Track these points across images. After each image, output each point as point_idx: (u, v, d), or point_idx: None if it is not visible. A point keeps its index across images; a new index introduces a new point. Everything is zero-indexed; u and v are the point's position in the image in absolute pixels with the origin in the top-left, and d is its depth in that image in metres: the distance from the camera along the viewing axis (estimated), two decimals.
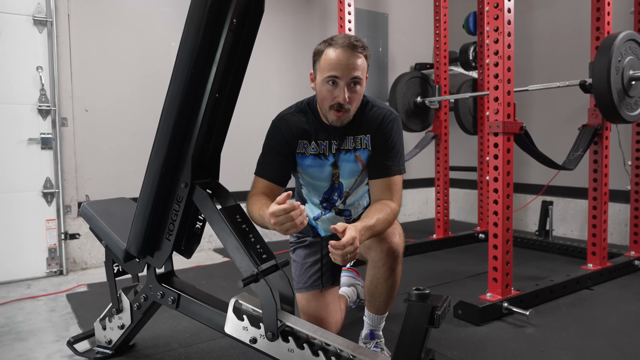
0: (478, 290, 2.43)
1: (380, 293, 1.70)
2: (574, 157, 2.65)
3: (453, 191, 4.82)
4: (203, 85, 1.50)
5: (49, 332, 2.16)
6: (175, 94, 1.47)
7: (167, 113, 1.49)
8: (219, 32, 1.46)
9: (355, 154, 1.74)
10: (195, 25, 1.41)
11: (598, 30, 2.73)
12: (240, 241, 1.49)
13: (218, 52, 1.48)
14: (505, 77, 2.21)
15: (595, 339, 1.99)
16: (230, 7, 1.44)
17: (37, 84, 3.02)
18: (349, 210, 1.88)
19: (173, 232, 1.61)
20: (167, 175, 1.56)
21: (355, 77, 1.58)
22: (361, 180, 1.81)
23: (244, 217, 1.59)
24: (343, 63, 1.56)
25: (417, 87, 3.78)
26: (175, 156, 1.55)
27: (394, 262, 1.65)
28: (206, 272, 3.12)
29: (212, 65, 1.48)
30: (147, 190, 1.57)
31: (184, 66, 1.44)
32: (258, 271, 1.45)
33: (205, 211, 1.56)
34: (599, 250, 2.77)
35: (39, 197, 3.05)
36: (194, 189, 1.56)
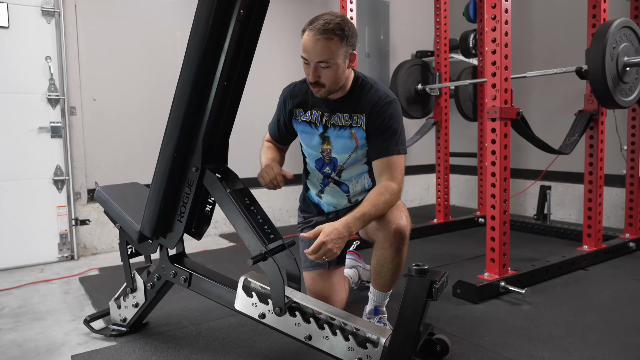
0: (476, 271, 2.51)
1: (385, 272, 1.78)
2: (570, 141, 2.73)
3: (453, 177, 4.90)
4: (212, 74, 1.58)
5: (64, 312, 2.26)
6: (186, 82, 1.55)
7: (178, 100, 1.57)
8: (227, 23, 1.53)
9: (351, 130, 1.83)
10: (205, 16, 1.48)
11: (594, 17, 2.78)
12: (249, 222, 1.58)
13: (226, 42, 1.55)
14: (503, 64, 2.27)
15: (587, 314, 2.08)
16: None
17: (46, 73, 3.09)
18: (346, 185, 1.96)
19: (184, 214, 1.69)
20: (179, 159, 1.64)
21: (320, 61, 1.68)
22: (356, 158, 1.88)
23: (252, 200, 1.67)
24: (310, 47, 1.68)
25: (418, 74, 3.84)
26: (186, 141, 1.63)
27: (400, 243, 1.72)
28: (213, 256, 3.21)
29: (221, 55, 1.56)
30: (160, 174, 1.65)
31: (194, 55, 1.52)
32: (266, 250, 1.54)
33: (215, 194, 1.65)
34: (594, 233, 2.85)
35: (50, 184, 3.14)
36: (204, 173, 1.65)
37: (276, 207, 4.12)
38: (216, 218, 3.72)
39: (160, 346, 1.83)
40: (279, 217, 4.12)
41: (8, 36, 2.96)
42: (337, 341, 1.49)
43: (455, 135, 4.36)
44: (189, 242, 1.83)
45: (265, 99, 2.14)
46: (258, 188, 1.90)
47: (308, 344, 1.53)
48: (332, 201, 2.02)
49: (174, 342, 1.87)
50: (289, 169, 1.89)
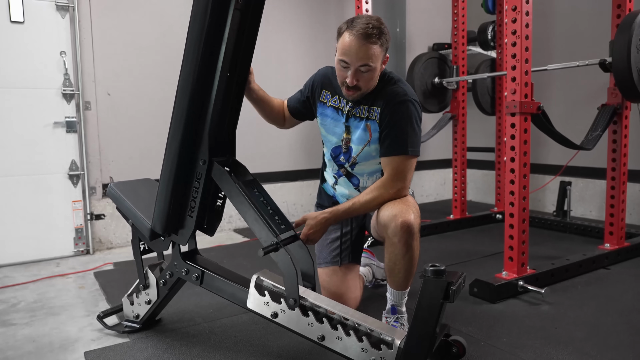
0: (494, 270, 2.46)
1: (398, 270, 1.74)
2: (593, 137, 2.64)
3: (470, 172, 4.82)
4: (214, 64, 1.55)
5: (79, 307, 2.27)
6: (187, 74, 1.53)
7: (181, 93, 1.55)
8: (225, 12, 1.51)
9: (367, 123, 1.83)
10: (202, 5, 1.47)
11: (619, 7, 2.68)
12: (259, 213, 1.56)
13: (226, 32, 1.53)
14: (523, 57, 2.21)
15: (609, 316, 2.02)
16: None
17: (61, 68, 3.09)
18: (357, 178, 1.96)
19: (195, 209, 1.67)
20: (186, 153, 1.62)
21: (364, 65, 1.69)
22: (369, 152, 1.88)
23: (262, 190, 1.66)
24: (353, 51, 1.67)
25: (435, 67, 3.76)
26: (192, 135, 1.61)
27: (409, 237, 1.68)
28: (227, 251, 3.20)
29: (222, 44, 1.54)
30: (167, 169, 1.63)
31: (194, 46, 1.50)
32: (277, 240, 1.51)
33: (224, 186, 1.63)
34: (617, 230, 2.77)
35: (65, 179, 3.16)
36: (212, 166, 1.63)
37: (290, 202, 4.09)
38: (230, 213, 3.72)
39: (173, 343, 1.82)
40: (293, 211, 4.09)
41: (23, 31, 2.96)
42: (350, 342, 1.46)
43: (472, 130, 4.28)
44: (202, 237, 1.82)
45: (279, 94, 2.10)
46: (272, 183, 1.88)
47: (321, 344, 1.50)
48: (345, 193, 2.00)
49: (187, 340, 1.86)
50: (301, 163, 1.88)
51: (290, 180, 4.06)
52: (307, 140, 4.04)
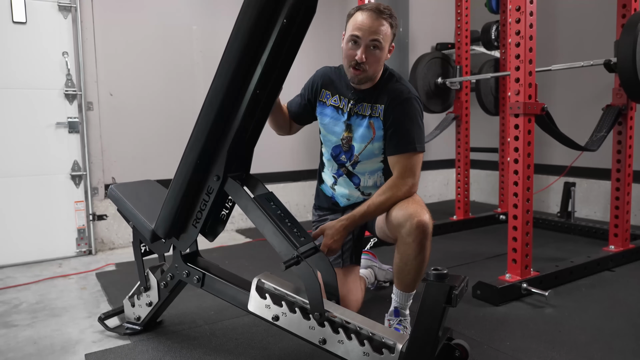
0: (497, 271, 2.44)
1: (408, 270, 1.72)
2: (597, 138, 2.62)
3: (474, 172, 4.80)
4: (246, 84, 1.51)
5: (80, 308, 2.26)
6: (217, 91, 1.49)
7: (207, 108, 1.51)
8: (268, 34, 1.45)
9: (370, 120, 1.84)
10: (246, 26, 1.42)
11: (624, 7, 2.66)
12: (277, 226, 1.52)
13: (265, 54, 1.47)
14: (527, 58, 2.19)
15: (614, 319, 2.00)
16: (284, 9, 1.44)
17: (63, 69, 3.09)
18: (358, 177, 1.95)
19: (200, 220, 1.66)
20: (201, 166, 1.59)
21: (374, 40, 1.71)
22: (371, 150, 1.88)
23: (278, 203, 1.62)
24: (366, 25, 1.70)
25: (438, 67, 3.75)
26: (211, 149, 1.57)
27: (424, 237, 1.66)
28: (229, 252, 3.19)
29: (258, 66, 1.49)
30: (180, 178, 1.60)
31: (229, 65, 1.45)
32: (298, 254, 1.48)
33: (240, 201, 1.59)
34: (621, 232, 2.75)
35: (68, 180, 3.15)
36: (225, 181, 1.59)
37: (293, 202, 4.08)
38: (232, 213, 3.70)
39: (174, 346, 1.81)
40: (296, 212, 4.08)
41: (25, 32, 2.96)
42: (352, 346, 1.44)
43: (476, 130, 4.25)
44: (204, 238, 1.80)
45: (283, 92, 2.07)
46: (275, 183, 1.87)
47: (322, 347, 1.49)
48: (345, 192, 1.99)
49: (188, 342, 1.85)
50: (304, 163, 1.86)
51: (293, 181, 4.05)
52: (309, 140, 4.03)
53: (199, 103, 3.97)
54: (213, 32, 3.68)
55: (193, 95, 3.62)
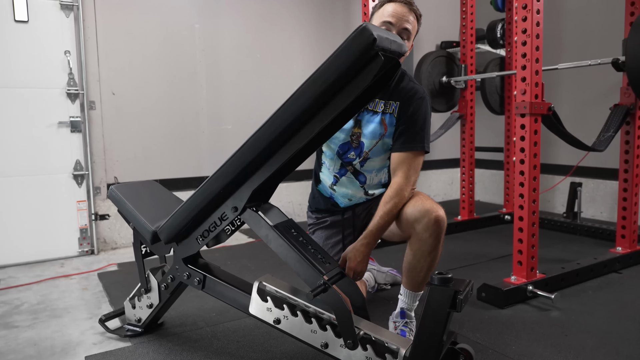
0: (502, 273, 2.41)
1: (421, 268, 1.70)
2: (605, 138, 2.58)
3: (479, 172, 4.76)
4: (296, 134, 1.44)
5: (82, 309, 2.25)
6: (263, 138, 1.42)
7: (248, 149, 1.45)
8: (344, 101, 1.36)
9: (382, 117, 1.83)
10: (323, 87, 1.32)
11: (633, 5, 2.62)
12: (301, 254, 1.47)
13: (332, 115, 1.39)
14: (534, 57, 2.15)
15: (621, 323, 1.96)
16: (369, 76, 1.32)
17: (66, 68, 3.08)
18: (365, 175, 1.92)
19: (206, 239, 1.64)
20: (222, 195, 1.56)
21: (406, 28, 1.75)
22: (381, 146, 1.86)
23: (300, 230, 1.59)
24: (399, 13, 1.75)
25: (443, 66, 3.71)
26: (237, 185, 1.54)
27: (440, 232, 1.65)
28: (231, 252, 3.17)
29: (318, 122, 1.40)
30: (198, 200, 1.57)
31: (287, 117, 1.38)
32: (325, 280, 1.43)
33: (260, 231, 1.54)
34: (629, 233, 2.71)
35: (70, 179, 3.14)
36: (244, 211, 1.56)
37: (296, 202, 4.06)
38: None
39: (175, 348, 1.79)
40: (299, 212, 4.06)
41: (27, 31, 2.95)
42: (354, 350, 1.42)
43: (481, 129, 4.22)
44: None
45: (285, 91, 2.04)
46: None
47: (324, 352, 1.47)
48: (347, 192, 1.95)
49: (189, 345, 1.83)
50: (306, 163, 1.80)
51: (296, 180, 4.02)
52: None
53: (201, 102, 3.97)
54: (215, 31, 3.66)
55: (195, 95, 3.60)
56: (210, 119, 3.68)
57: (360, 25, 1.25)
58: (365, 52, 1.25)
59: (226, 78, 3.73)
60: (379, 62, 1.28)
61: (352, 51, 1.25)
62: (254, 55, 3.82)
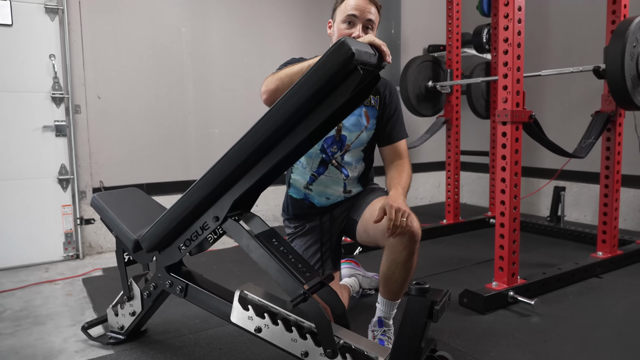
0: (485, 277, 2.44)
1: (396, 279, 1.71)
2: (586, 144, 2.62)
3: (465, 174, 4.80)
4: (281, 149, 1.44)
5: (65, 316, 2.24)
6: (247, 146, 1.42)
7: (231, 158, 1.45)
8: (324, 110, 1.36)
9: (364, 109, 1.88)
10: (303, 97, 1.32)
11: (614, 13, 2.66)
12: (281, 264, 1.48)
13: (315, 124, 1.38)
14: (515, 65, 2.18)
15: (600, 329, 1.99)
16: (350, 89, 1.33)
17: (50, 72, 3.06)
18: (346, 169, 1.93)
19: (188, 248, 1.64)
20: (203, 205, 1.56)
21: (369, 20, 1.78)
22: (362, 139, 1.90)
23: (281, 240, 1.59)
24: (361, 6, 1.77)
25: (429, 71, 3.74)
26: (218, 195, 1.54)
27: (414, 245, 1.66)
28: (217, 256, 3.17)
29: (302, 133, 1.41)
30: (179, 210, 1.58)
31: (265, 132, 1.39)
32: (305, 290, 1.43)
33: (241, 241, 1.54)
34: (609, 238, 2.75)
35: (55, 184, 3.13)
36: (225, 221, 1.56)
37: None
38: None
39: (157, 356, 1.80)
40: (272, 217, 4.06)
41: (11, 34, 2.93)
42: (334, 359, 1.43)
43: (466, 133, 4.25)
44: None
45: None
46: (273, 185, 1.89)
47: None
48: (324, 191, 1.95)
49: (171, 352, 1.83)
50: None
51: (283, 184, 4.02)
52: None
53: (188, 105, 3.95)
54: (202, 34, 3.65)
55: (182, 98, 3.60)
56: (197, 122, 3.68)
57: (339, 40, 1.26)
58: (344, 66, 1.26)
59: (213, 81, 3.73)
60: (357, 75, 1.29)
61: (330, 65, 1.26)
62: (242, 59, 3.82)
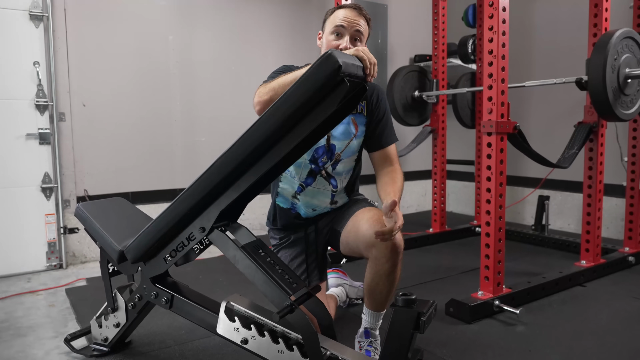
0: (471, 286, 2.45)
1: (380, 290, 1.71)
2: (569, 155, 2.66)
3: (451, 183, 4.83)
4: (268, 160, 1.44)
5: (47, 327, 2.20)
6: (232, 158, 1.42)
7: (216, 169, 1.45)
8: (311, 123, 1.37)
9: (351, 117, 1.86)
10: (289, 110, 1.33)
11: (595, 26, 2.71)
12: (268, 275, 1.47)
13: (301, 137, 1.39)
14: (499, 77, 2.21)
15: (584, 338, 2.02)
16: (336, 101, 1.33)
17: (34, 79, 3.03)
18: (335, 179, 1.92)
19: (174, 259, 1.63)
20: (189, 216, 1.55)
21: (358, 31, 1.79)
22: (352, 147, 1.89)
23: (268, 251, 1.58)
24: (349, 18, 1.79)
25: (415, 81, 3.77)
26: (204, 206, 1.53)
27: (397, 257, 1.66)
28: (204, 265, 3.14)
29: (286, 145, 1.41)
30: (165, 220, 1.57)
31: (252, 143, 1.39)
32: (292, 301, 1.42)
33: (228, 252, 1.53)
34: (593, 247, 2.79)
35: (38, 192, 3.08)
36: (211, 232, 1.55)
37: None
38: None
39: None
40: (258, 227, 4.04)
41: None
42: None
43: (452, 142, 4.29)
44: None
45: None
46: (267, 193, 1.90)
47: None
48: (311, 202, 1.94)
49: None
50: None
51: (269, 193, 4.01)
52: None
53: (174, 114, 3.93)
54: (190, 43, 3.65)
55: (169, 106, 3.58)
56: (184, 130, 3.66)
57: (326, 52, 1.27)
58: (331, 79, 1.27)
59: (200, 90, 3.72)
60: (344, 88, 1.30)
61: (317, 77, 1.27)
62: (229, 68, 3.82)
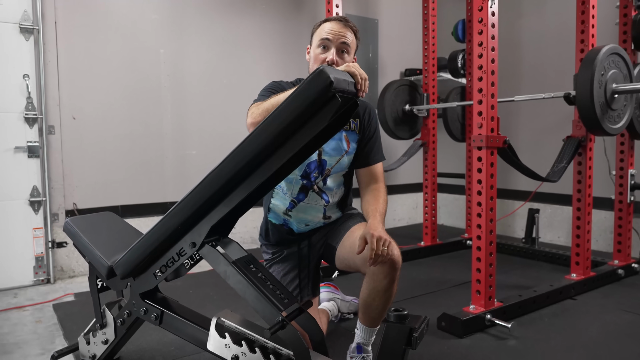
0: (463, 300, 2.45)
1: (376, 306, 1.69)
2: (558, 168, 2.68)
3: (442, 196, 4.85)
4: (259, 176, 1.44)
5: (34, 344, 2.16)
6: (223, 174, 1.42)
7: (207, 185, 1.44)
8: (301, 141, 1.38)
9: (344, 134, 1.87)
10: (281, 127, 1.33)
11: (582, 42, 2.75)
12: (259, 290, 1.46)
13: (292, 152, 1.39)
14: (489, 92, 2.23)
15: (575, 351, 2.02)
16: (328, 117, 1.33)
17: (24, 92, 3.01)
18: (327, 195, 1.91)
19: (164, 275, 1.62)
20: (180, 231, 1.54)
21: (344, 43, 1.80)
22: (343, 163, 1.89)
23: (259, 266, 1.57)
24: (335, 30, 1.80)
25: (406, 94, 3.80)
26: (195, 221, 1.52)
27: (395, 273, 1.65)
28: (194, 280, 3.11)
29: (277, 160, 1.40)
30: (155, 235, 1.56)
31: (243, 158, 1.39)
32: (283, 317, 1.41)
33: (218, 267, 1.52)
34: (582, 260, 2.80)
35: (26, 206, 3.05)
36: (202, 247, 1.54)
37: None
38: None
39: None
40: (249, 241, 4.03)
41: None
42: None
43: (444, 155, 4.32)
44: None
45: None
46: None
47: None
48: (304, 218, 1.93)
49: None
50: None
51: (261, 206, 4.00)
52: None
53: (165, 127, 3.92)
54: (181, 56, 3.65)
55: (159, 119, 3.57)
56: (175, 143, 3.65)
57: (318, 68, 1.28)
58: (323, 94, 1.27)
59: (191, 103, 3.71)
60: (335, 103, 1.31)
61: (309, 93, 1.27)
62: (220, 81, 3.82)
